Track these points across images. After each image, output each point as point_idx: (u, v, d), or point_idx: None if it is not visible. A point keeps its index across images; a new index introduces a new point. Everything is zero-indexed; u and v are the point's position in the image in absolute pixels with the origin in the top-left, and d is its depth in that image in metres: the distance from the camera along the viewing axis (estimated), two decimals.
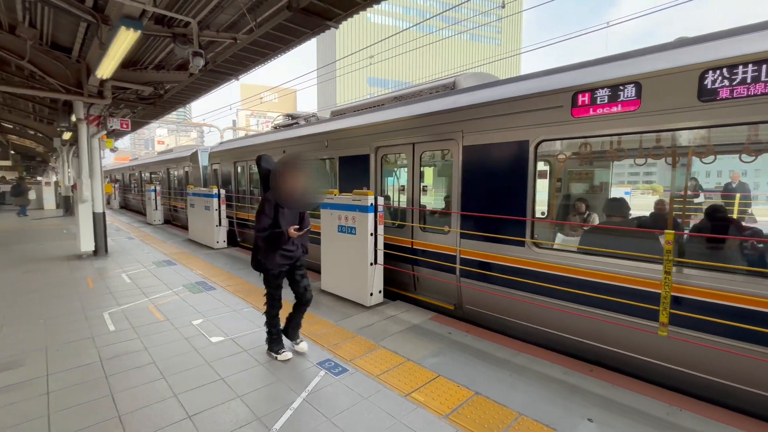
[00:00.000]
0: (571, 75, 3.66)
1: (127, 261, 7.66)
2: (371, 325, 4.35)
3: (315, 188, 3.22)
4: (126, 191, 23.03)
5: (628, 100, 3.18)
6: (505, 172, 4.07)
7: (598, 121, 3.37)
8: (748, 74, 2.59)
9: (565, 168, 4.51)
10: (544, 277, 3.75)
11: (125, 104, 10.02)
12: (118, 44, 5.15)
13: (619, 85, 3.21)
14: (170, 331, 4.11)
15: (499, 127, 4.09)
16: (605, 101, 3.31)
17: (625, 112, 3.19)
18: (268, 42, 5.98)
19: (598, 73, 3.44)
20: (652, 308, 2.98)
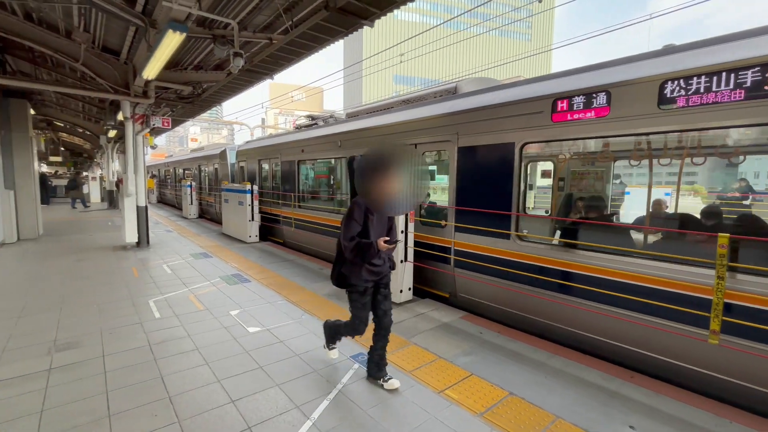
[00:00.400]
0: (551, 83, 3.99)
1: (166, 252, 8.07)
2: (402, 321, 4.38)
3: (413, 185, 2.50)
4: (162, 186, 24.18)
5: (600, 107, 3.50)
6: (493, 170, 4.43)
7: (574, 125, 3.70)
8: (702, 85, 2.91)
9: (568, 167, 4.70)
10: (525, 267, 4.15)
11: (166, 103, 10.52)
12: (164, 46, 5.42)
13: (593, 93, 3.53)
14: (210, 320, 4.32)
15: (489, 130, 4.45)
16: (580, 107, 3.63)
17: (598, 117, 3.51)
18: (304, 42, 6.11)
19: (574, 82, 3.75)
20: (632, 299, 3.33)
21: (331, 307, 4.81)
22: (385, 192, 2.55)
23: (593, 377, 3.20)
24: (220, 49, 6.24)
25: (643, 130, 3.27)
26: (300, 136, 8.49)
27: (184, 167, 18.78)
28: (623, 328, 3.45)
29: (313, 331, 4.03)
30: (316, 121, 8.97)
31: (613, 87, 3.40)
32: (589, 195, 4.55)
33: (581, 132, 3.66)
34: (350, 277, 2.87)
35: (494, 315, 4.62)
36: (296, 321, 4.33)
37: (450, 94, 5.53)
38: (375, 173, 2.53)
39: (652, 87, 3.17)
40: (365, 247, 2.68)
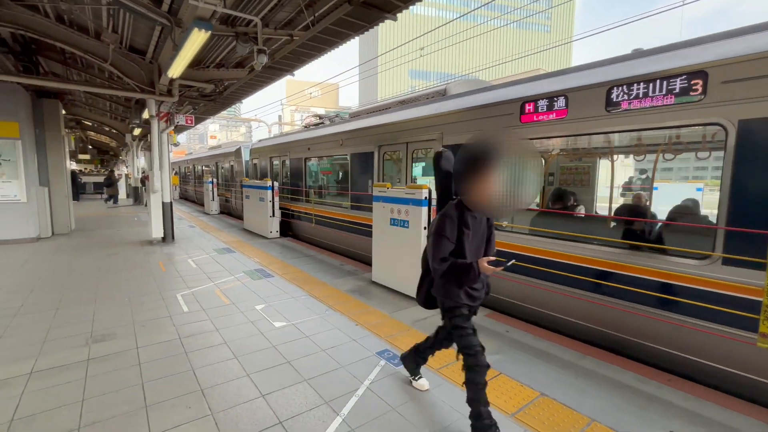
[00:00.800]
0: (520, 88, 4.48)
1: (191, 247, 8.27)
2: (425, 318, 4.35)
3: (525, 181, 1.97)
4: (184, 183, 24.80)
5: (559, 109, 3.94)
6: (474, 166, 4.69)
7: (539, 126, 4.15)
8: (640, 90, 3.32)
9: (557, 162, 5.00)
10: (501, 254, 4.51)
11: (189, 101, 10.74)
12: (189, 45, 5.50)
13: (554, 96, 3.97)
14: (236, 314, 4.39)
15: (468, 130, 4.93)
16: (544, 110, 4.08)
17: (558, 118, 3.96)
18: (326, 37, 6.10)
19: (540, 86, 4.20)
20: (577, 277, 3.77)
21: (354, 302, 4.82)
22: (492, 191, 1.98)
23: (628, 379, 3.10)
24: (242, 47, 6.29)
25: (595, 130, 3.71)
26: (306, 135, 9.04)
27: (203, 164, 19.45)
28: (659, 329, 3.32)
29: (338, 327, 4.04)
30: (323, 121, 9.45)
31: (570, 92, 3.86)
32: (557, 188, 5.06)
33: (545, 132, 4.11)
34: (446, 299, 2.37)
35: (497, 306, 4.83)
36: (320, 316, 4.35)
37: (440, 96, 5.91)
38: (479, 168, 1.98)
39: (600, 92, 3.61)
40: (463, 269, 2.15)
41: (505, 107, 4.48)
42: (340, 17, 5.35)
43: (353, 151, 7.23)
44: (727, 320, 2.91)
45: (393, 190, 5.24)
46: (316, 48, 6.71)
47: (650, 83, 3.26)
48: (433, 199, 4.88)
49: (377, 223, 5.57)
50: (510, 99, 4.44)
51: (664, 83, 3.18)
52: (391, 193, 5.26)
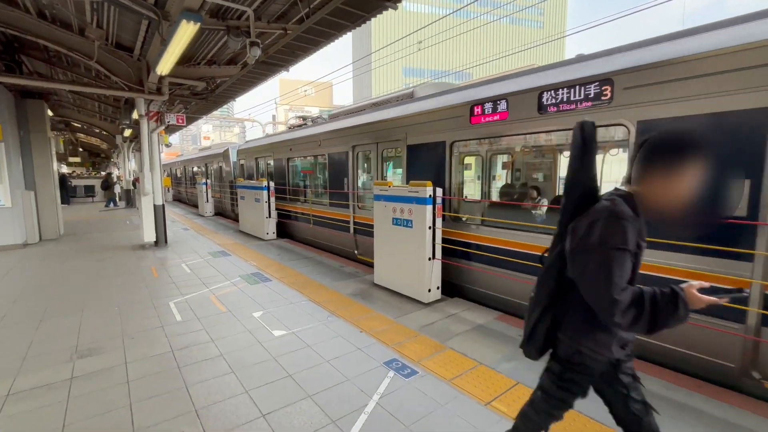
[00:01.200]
0: (470, 91, 4.85)
1: (185, 251, 7.98)
2: (433, 323, 4.13)
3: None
4: (177, 184, 24.41)
5: (499, 112, 4.37)
6: (433, 164, 5.25)
7: (485, 126, 4.53)
8: (569, 94, 3.71)
9: (520, 160, 5.63)
10: (454, 242, 4.96)
11: (179, 100, 10.41)
12: (178, 39, 5.22)
13: (497, 100, 4.36)
14: (233, 323, 4.14)
15: (428, 131, 5.31)
16: (489, 112, 4.47)
17: (501, 120, 4.36)
18: (322, 29, 5.84)
19: (486, 90, 4.57)
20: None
21: (357, 307, 4.59)
22: (691, 194, 1.36)
23: (656, 387, 2.89)
24: (234, 41, 6.02)
25: (530, 130, 4.15)
26: (289, 136, 9.37)
27: (193, 166, 19.58)
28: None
29: (341, 335, 3.81)
30: (305, 122, 9.79)
31: (510, 95, 4.27)
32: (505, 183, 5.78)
33: (491, 132, 4.52)
34: (582, 346, 1.52)
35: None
36: (322, 323, 4.11)
37: (408, 99, 6.25)
38: (693, 160, 1.33)
39: (533, 96, 4.02)
40: (666, 303, 1.32)
41: (457, 110, 4.85)
42: (337, 6, 5.10)
43: (330, 151, 7.63)
44: None
45: (395, 188, 5.01)
46: (311, 41, 6.45)
47: (572, 88, 3.72)
48: (438, 197, 4.66)
49: (379, 224, 5.34)
50: (462, 102, 4.81)
51: (582, 89, 3.63)
52: (393, 192, 5.03)
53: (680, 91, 3.03)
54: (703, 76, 2.90)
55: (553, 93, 3.84)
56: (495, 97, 4.39)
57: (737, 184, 2.76)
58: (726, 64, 2.80)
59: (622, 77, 3.34)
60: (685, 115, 3.02)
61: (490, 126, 4.46)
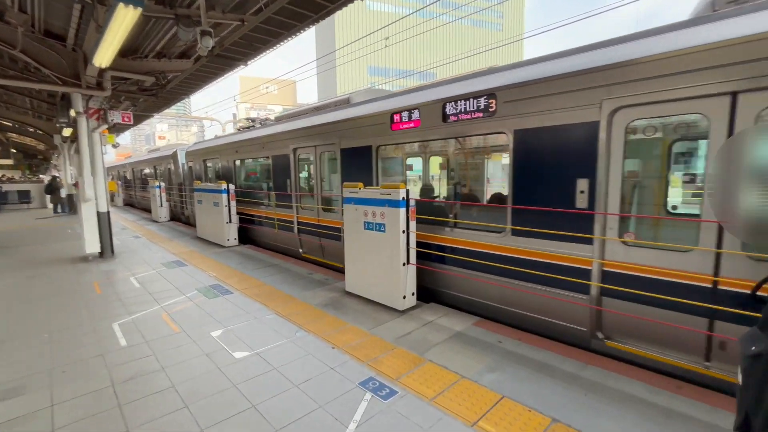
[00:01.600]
0: (391, 101, 5.25)
1: (134, 262, 7.25)
2: (410, 333, 3.90)
3: None
4: (128, 188, 22.69)
5: (413, 120, 4.80)
6: (362, 166, 5.64)
7: (403, 133, 4.97)
8: (465, 105, 4.22)
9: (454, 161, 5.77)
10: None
11: (125, 96, 9.51)
12: (116, 26, 4.63)
13: (411, 109, 4.81)
14: (188, 345, 3.69)
15: (357, 136, 5.66)
16: (406, 120, 4.89)
17: (414, 127, 4.81)
18: (283, 19, 5.44)
19: (404, 100, 5.00)
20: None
21: (328, 319, 4.27)
22: None
23: (638, 390, 2.83)
24: (184, 32, 5.46)
25: (437, 137, 4.60)
26: (236, 138, 9.40)
27: (142, 168, 18.74)
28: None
29: (311, 353, 3.48)
30: (254, 124, 9.77)
31: (420, 107, 4.71)
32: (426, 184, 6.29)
33: (407, 137, 4.96)
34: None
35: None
36: (290, 340, 3.76)
37: (344, 104, 6.54)
38: None
39: (438, 106, 4.49)
40: None
41: (381, 117, 5.24)
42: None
43: (273, 153, 7.84)
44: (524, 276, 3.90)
45: (366, 190, 4.73)
46: (271, 33, 6.01)
47: (467, 101, 4.22)
48: (411, 199, 4.43)
49: (349, 228, 5.04)
50: (384, 111, 5.20)
51: (474, 101, 4.16)
52: (363, 194, 4.75)
53: (539, 106, 3.65)
54: (552, 95, 3.55)
55: (454, 104, 4.35)
56: (410, 106, 4.85)
57: (580, 182, 3.43)
58: (566, 86, 3.45)
59: (503, 92, 3.91)
60: (544, 126, 3.63)
61: (407, 132, 4.94)
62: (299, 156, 7.19)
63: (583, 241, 3.44)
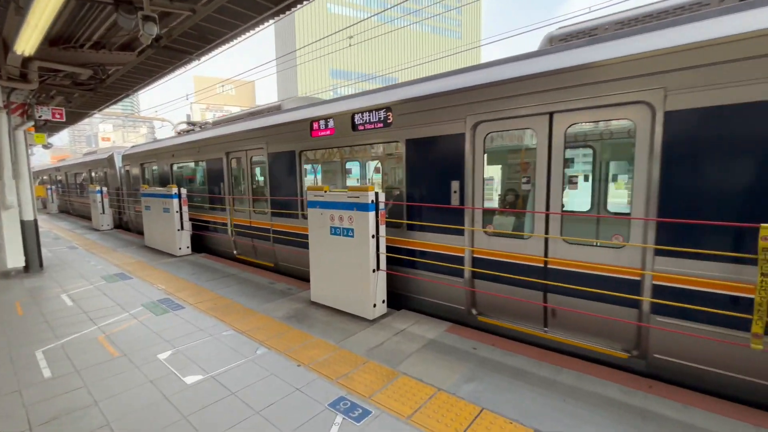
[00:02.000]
0: (312, 109, 5.69)
1: (68, 277, 6.43)
2: (381, 344, 3.69)
3: None
4: (65, 194, 20.57)
5: (329, 128, 5.29)
6: (288, 170, 6.02)
7: (321, 139, 5.45)
8: (369, 117, 4.76)
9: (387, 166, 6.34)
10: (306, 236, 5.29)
11: (57, 90, 8.51)
12: (40, 8, 4.05)
13: (326, 118, 5.30)
14: (129, 372, 3.22)
15: (282, 141, 6.07)
16: (323, 127, 5.37)
17: (330, 135, 5.30)
18: (239, 9, 5.04)
19: (322, 110, 5.47)
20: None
21: (293, 333, 3.95)
22: None
23: (613, 392, 2.81)
24: (125, 19, 4.90)
25: (348, 144, 5.14)
26: (172, 142, 9.45)
27: (77, 172, 17.44)
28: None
29: (274, 372, 3.16)
30: (193, 128, 9.80)
31: (334, 116, 5.20)
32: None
33: (324, 144, 5.44)
34: None
35: None
36: (250, 359, 3.41)
37: (276, 110, 6.91)
38: None
39: (348, 117, 5.01)
40: None
41: (303, 124, 5.66)
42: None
43: (208, 158, 8.05)
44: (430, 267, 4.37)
45: (332, 193, 4.47)
46: (227, 25, 5.57)
47: (371, 113, 4.74)
48: (381, 202, 4.24)
49: (314, 234, 4.74)
50: (305, 118, 5.62)
51: (376, 113, 4.69)
52: (329, 198, 4.49)
53: (424, 119, 4.25)
54: (433, 110, 4.17)
55: (360, 115, 4.86)
56: (326, 116, 5.31)
57: (453, 184, 4.05)
58: (441, 102, 4.06)
59: (397, 106, 4.47)
60: (427, 137, 4.25)
61: (324, 139, 5.40)
62: (232, 160, 7.49)
63: (457, 233, 4.09)
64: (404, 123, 4.41)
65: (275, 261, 6.64)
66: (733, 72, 2.51)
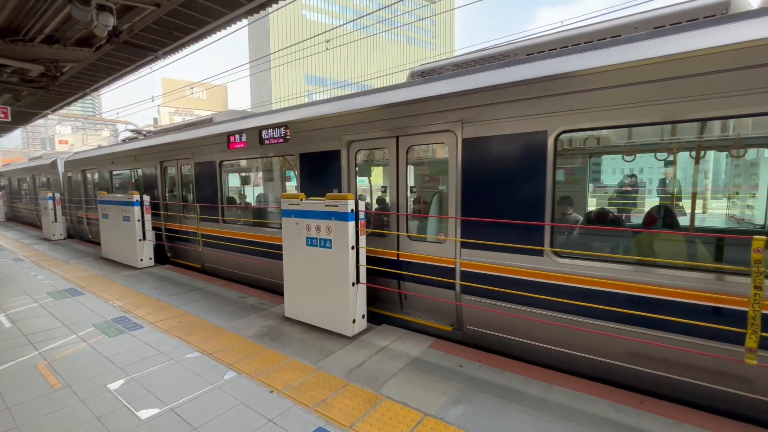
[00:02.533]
0: (232, 124, 6.33)
1: (8, 293, 5.75)
2: (362, 363, 3.44)
3: None
4: (13, 200, 18.98)
5: (242, 141, 5.93)
6: (209, 177, 6.67)
7: (236, 151, 6.08)
8: (273, 133, 5.44)
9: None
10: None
11: (3, 87, 7.76)
12: None
13: (241, 133, 5.92)
14: (72, 408, 2.80)
15: (206, 152, 6.68)
16: (237, 141, 6.01)
17: (243, 147, 5.93)
18: (209, 5, 4.73)
19: (239, 125, 6.12)
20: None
21: (264, 354, 3.63)
22: None
23: (605, 410, 2.70)
24: (80, 11, 4.50)
25: (258, 155, 5.85)
26: (112, 150, 9.81)
27: (19, 177, 16.87)
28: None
29: (244, 401, 2.84)
30: (137, 136, 10.01)
31: (246, 131, 5.84)
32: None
33: (239, 155, 6.11)
34: None
35: None
36: (216, 386, 3.06)
37: (208, 122, 7.43)
38: None
39: (256, 132, 5.65)
40: None
41: (222, 137, 6.27)
42: None
43: (142, 167, 8.53)
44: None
45: (308, 202, 4.21)
46: (195, 21, 5.23)
47: (273, 129, 5.42)
48: (361, 211, 4.02)
49: (289, 245, 4.45)
50: (224, 132, 6.24)
51: (278, 130, 5.36)
52: (306, 206, 4.22)
53: (311, 137, 4.97)
54: (317, 129, 4.90)
55: (266, 131, 5.52)
56: (240, 130, 5.94)
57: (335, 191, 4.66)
58: (323, 123, 4.81)
59: (293, 125, 5.17)
60: (315, 152, 4.94)
61: (239, 151, 6.04)
62: (165, 169, 7.98)
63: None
64: (298, 139, 5.12)
65: (202, 263, 7.21)
66: (495, 111, 3.43)
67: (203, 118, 7.79)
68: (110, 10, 4.03)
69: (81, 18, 4.57)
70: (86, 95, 9.45)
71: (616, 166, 7.96)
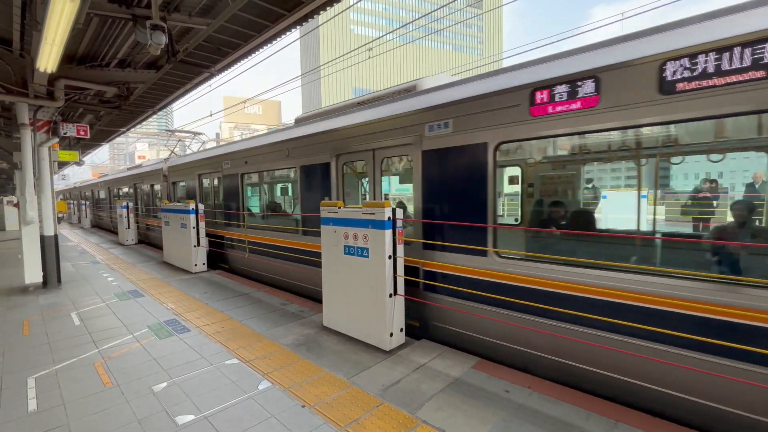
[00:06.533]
0: (250, 141, 7.36)
1: (83, 293, 6.34)
2: (398, 381, 3.23)
3: None
4: (98, 209, 21.38)
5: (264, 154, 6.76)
6: (233, 188, 7.58)
7: (253, 165, 7.04)
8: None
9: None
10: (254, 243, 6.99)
11: (84, 108, 8.74)
12: (55, 22, 4.01)
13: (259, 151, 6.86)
14: (118, 408, 2.90)
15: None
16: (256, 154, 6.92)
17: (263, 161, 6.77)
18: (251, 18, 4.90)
19: (258, 141, 6.99)
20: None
21: (300, 364, 3.55)
22: None
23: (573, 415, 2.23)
24: (141, 33, 4.86)
25: (268, 168, 6.73)
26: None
27: (119, 186, 17.16)
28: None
29: (276, 415, 2.76)
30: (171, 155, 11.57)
31: (263, 147, 6.69)
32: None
33: (256, 168, 6.97)
34: None
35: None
36: (249, 396, 3.03)
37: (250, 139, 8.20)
38: None
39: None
40: None
41: (244, 153, 7.22)
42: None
43: (188, 178, 9.68)
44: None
45: (346, 210, 4.13)
46: (240, 35, 5.46)
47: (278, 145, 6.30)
48: (398, 219, 3.85)
49: (327, 252, 4.39)
50: (245, 148, 7.16)
51: (280, 145, 6.24)
52: (343, 214, 4.14)
53: (308, 151, 5.67)
54: (312, 145, 5.59)
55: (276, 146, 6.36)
56: (259, 146, 6.79)
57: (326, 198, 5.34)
58: (317, 140, 5.49)
59: (291, 142, 5.99)
60: (311, 164, 5.62)
61: (256, 164, 6.90)
62: (203, 179, 9.12)
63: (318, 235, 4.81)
64: (298, 154, 5.83)
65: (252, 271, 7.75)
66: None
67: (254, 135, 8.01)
68: (163, 30, 4.31)
69: (142, 40, 4.93)
70: (154, 113, 10.36)
71: None
